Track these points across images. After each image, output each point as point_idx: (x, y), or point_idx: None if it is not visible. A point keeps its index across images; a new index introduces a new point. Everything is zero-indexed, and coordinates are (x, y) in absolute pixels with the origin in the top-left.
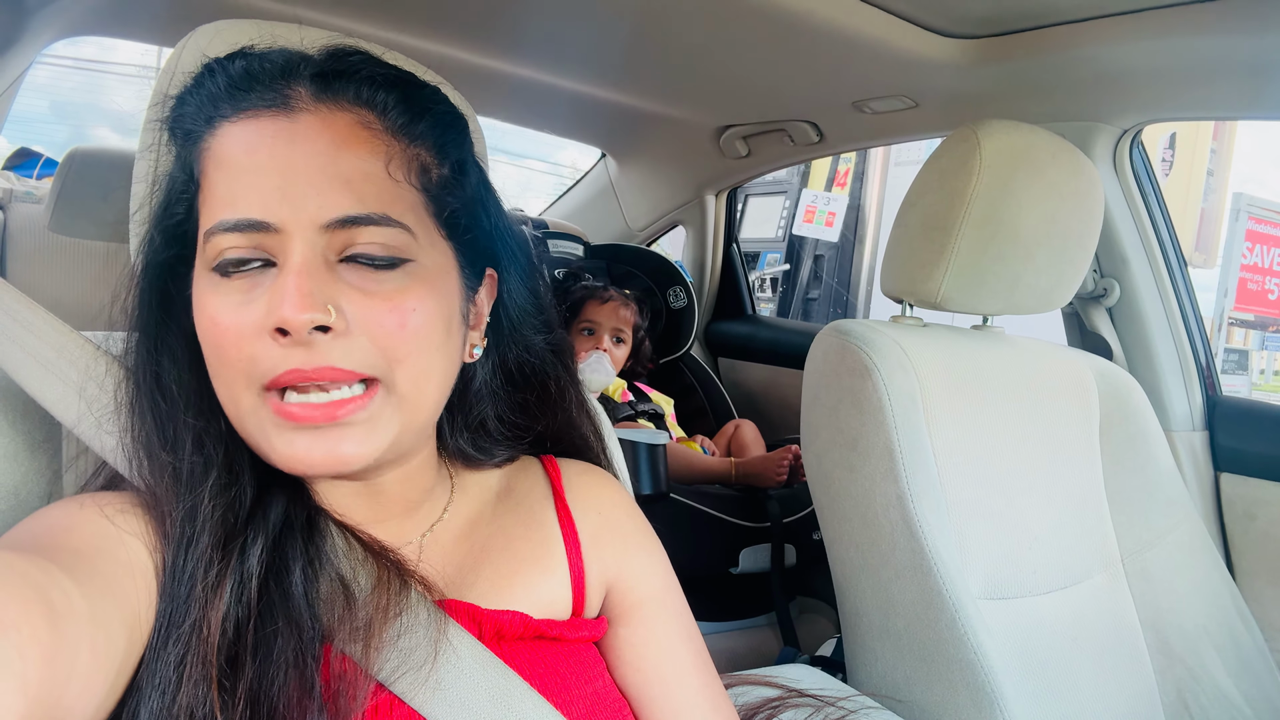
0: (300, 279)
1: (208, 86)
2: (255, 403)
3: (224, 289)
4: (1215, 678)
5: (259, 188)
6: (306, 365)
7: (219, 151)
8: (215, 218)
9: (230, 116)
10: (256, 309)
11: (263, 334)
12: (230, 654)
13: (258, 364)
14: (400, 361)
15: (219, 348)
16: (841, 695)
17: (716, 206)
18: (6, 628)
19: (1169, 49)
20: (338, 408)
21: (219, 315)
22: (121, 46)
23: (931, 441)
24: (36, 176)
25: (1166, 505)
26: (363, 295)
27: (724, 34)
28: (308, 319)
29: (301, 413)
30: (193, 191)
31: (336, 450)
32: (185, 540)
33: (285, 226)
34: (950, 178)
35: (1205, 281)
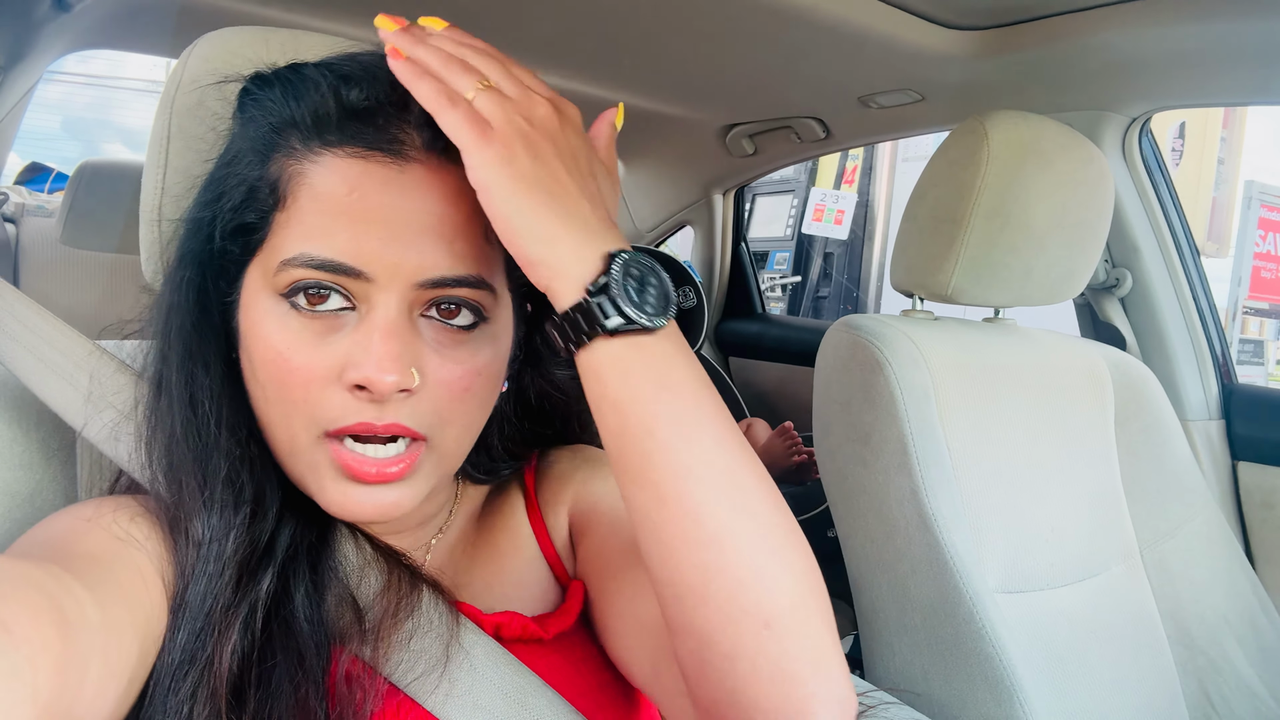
0: (388, 340)
1: (312, 100)
2: (312, 444)
3: (294, 323)
4: (1237, 668)
5: (358, 234)
6: (378, 421)
7: (317, 182)
8: (300, 249)
9: (335, 146)
10: (332, 354)
11: (334, 382)
12: (237, 685)
13: (325, 410)
14: (451, 423)
15: (284, 386)
16: (859, 691)
17: (724, 206)
18: (18, 638)
19: (1176, 35)
20: (390, 465)
21: (290, 353)
22: (131, 62)
23: (945, 435)
24: (48, 191)
25: (1184, 495)
26: (439, 358)
27: (728, 31)
28: (394, 383)
29: (360, 469)
30: (271, 205)
31: (382, 502)
32: (204, 573)
33: (378, 278)
34: (959, 170)
35: (1218, 271)
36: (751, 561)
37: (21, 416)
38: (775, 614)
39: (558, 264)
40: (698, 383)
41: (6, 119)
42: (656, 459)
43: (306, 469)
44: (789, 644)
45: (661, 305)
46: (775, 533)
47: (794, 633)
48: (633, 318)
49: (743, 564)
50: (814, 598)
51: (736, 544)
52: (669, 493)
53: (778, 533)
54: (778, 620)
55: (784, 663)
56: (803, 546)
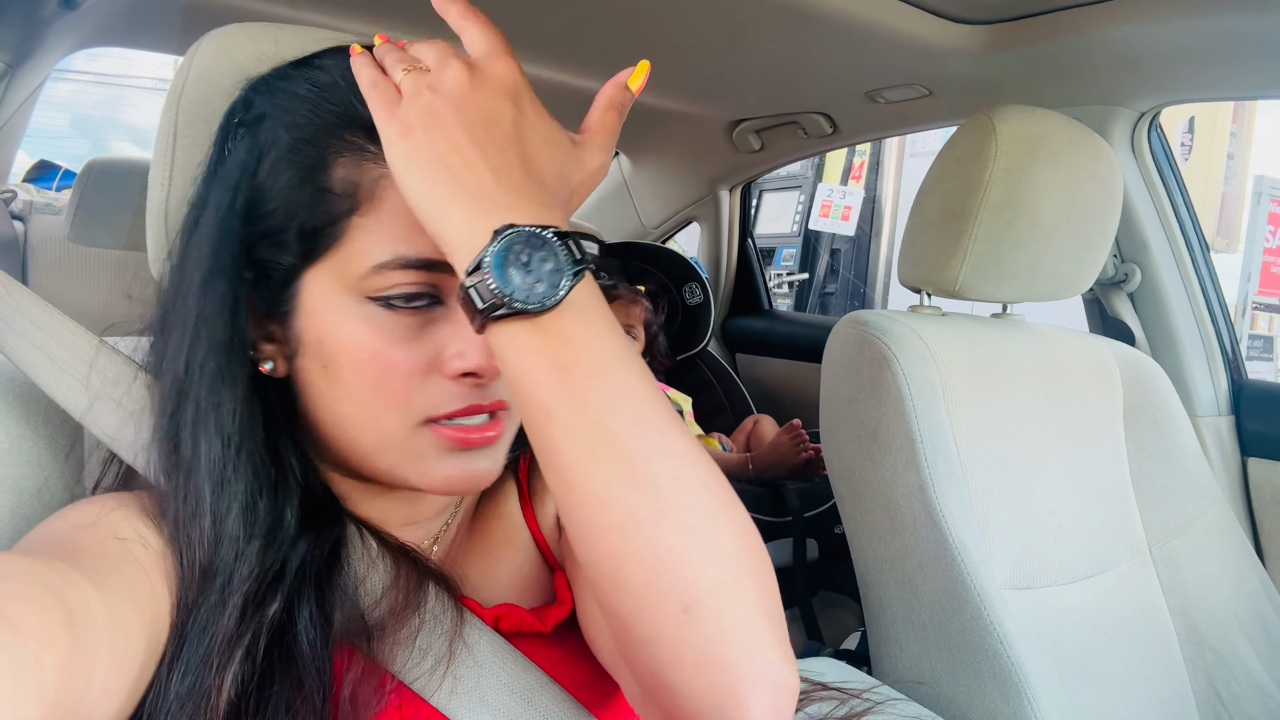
0: None
1: None
2: (409, 434)
3: (388, 322)
4: (1246, 664)
5: None
6: (484, 401)
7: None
8: (395, 251)
9: None
10: (427, 347)
11: (434, 372)
12: (235, 712)
13: (426, 398)
14: None
15: (384, 381)
16: (866, 687)
17: (731, 202)
18: (25, 635)
19: (1185, 29)
20: (489, 429)
21: (389, 349)
22: (140, 60)
23: (953, 431)
24: (56, 188)
25: (1193, 491)
26: None
27: (735, 27)
28: (498, 367)
29: (468, 437)
30: (347, 209)
31: (475, 469)
32: (209, 604)
33: None
34: (966, 165)
35: (1228, 266)
36: (665, 544)
37: (29, 412)
38: (694, 598)
39: (449, 239)
40: (605, 358)
41: (14, 117)
42: (559, 442)
43: (404, 458)
44: (710, 628)
45: (554, 280)
46: (695, 512)
47: (717, 615)
48: (508, 300)
49: (655, 548)
50: (744, 577)
51: (646, 527)
52: (574, 477)
53: (699, 512)
54: (697, 604)
55: (706, 647)
56: (734, 523)
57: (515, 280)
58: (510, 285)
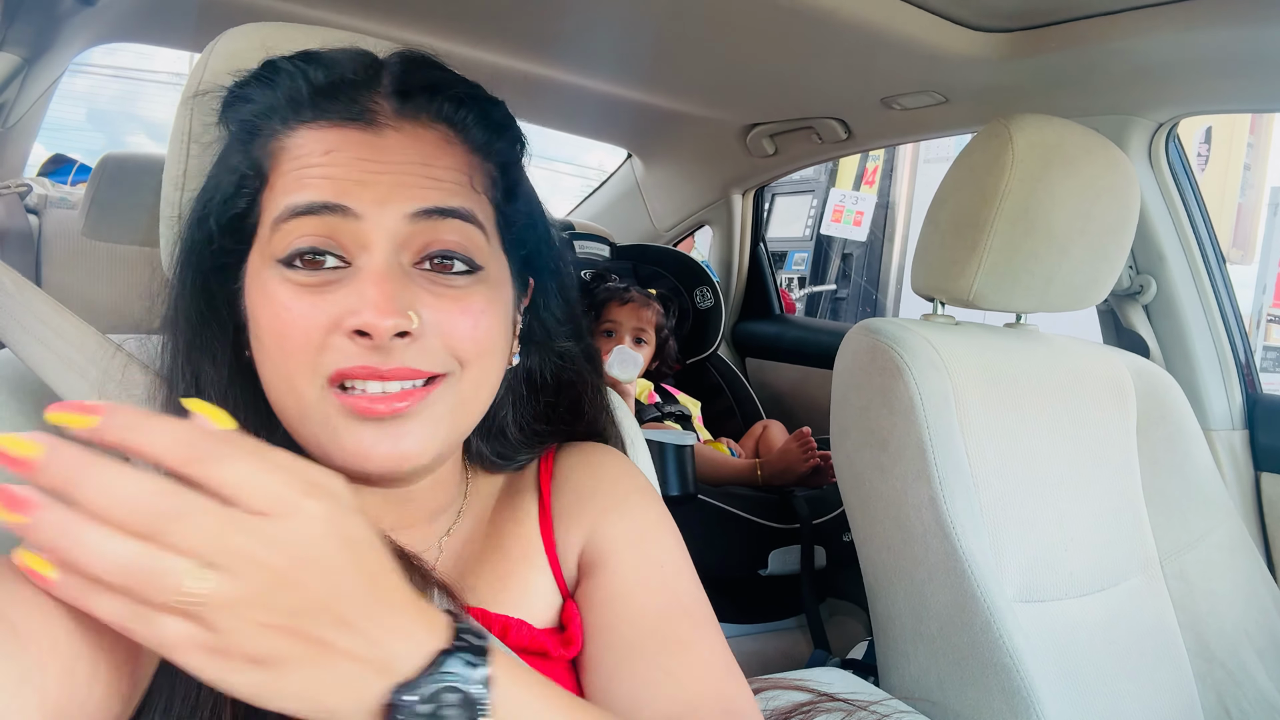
0: (383, 283)
1: (283, 85)
2: (320, 394)
3: (294, 280)
4: (1257, 681)
5: (338, 175)
6: (383, 366)
7: (295, 150)
8: (285, 203)
9: (310, 122)
10: (331, 306)
11: (335, 332)
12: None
13: (327, 356)
14: (469, 364)
15: (285, 337)
16: (874, 699)
17: (743, 206)
18: (26, 640)
19: (1204, 40)
20: (400, 399)
21: (290, 304)
22: (159, 55)
23: (964, 442)
24: (71, 182)
25: (1206, 505)
26: (436, 299)
27: (751, 31)
28: (392, 325)
29: (370, 405)
30: (257, 186)
31: (399, 446)
32: None
33: (366, 213)
34: (982, 174)
35: (1243, 278)
36: None
37: (37, 411)
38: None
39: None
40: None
41: (31, 111)
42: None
43: (319, 426)
44: None
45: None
46: None
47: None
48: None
49: None
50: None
51: None
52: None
53: None
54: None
55: None
56: None
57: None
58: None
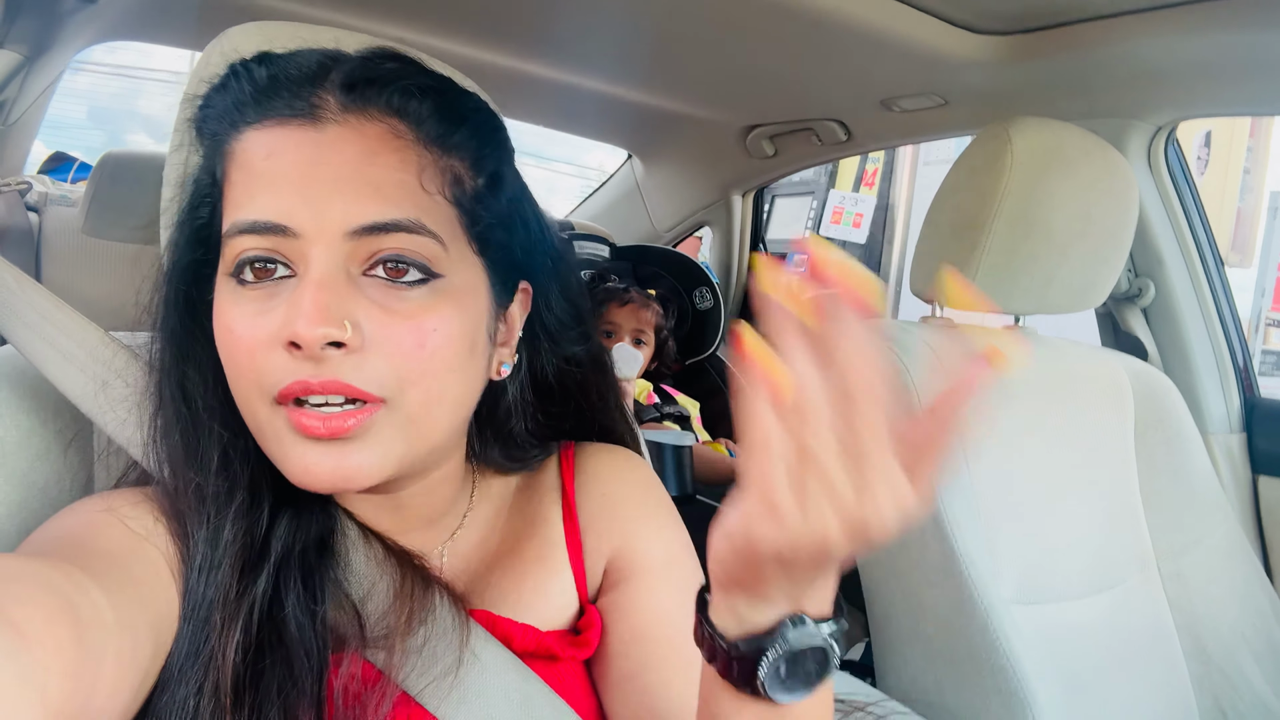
0: (318, 292)
1: (233, 89)
2: (270, 414)
3: (242, 298)
4: (1253, 685)
5: (278, 190)
6: (314, 379)
7: (240, 155)
8: (231, 219)
9: (254, 122)
10: (272, 320)
11: (276, 345)
12: (238, 684)
13: (268, 375)
14: (413, 383)
15: (233, 357)
16: (870, 700)
17: (743, 207)
18: (31, 640)
19: (1204, 44)
20: (341, 420)
21: (235, 324)
22: (159, 53)
23: (962, 443)
24: (71, 180)
25: (1203, 509)
26: (383, 312)
27: (751, 32)
28: (321, 334)
29: (308, 424)
30: (216, 195)
31: (343, 465)
32: (205, 565)
33: (305, 232)
34: (981, 176)
35: (1242, 281)
36: None
37: (40, 407)
38: None
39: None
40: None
41: (31, 109)
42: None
43: (272, 442)
44: None
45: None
46: None
47: None
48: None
49: None
50: None
51: None
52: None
53: None
54: None
55: None
56: None
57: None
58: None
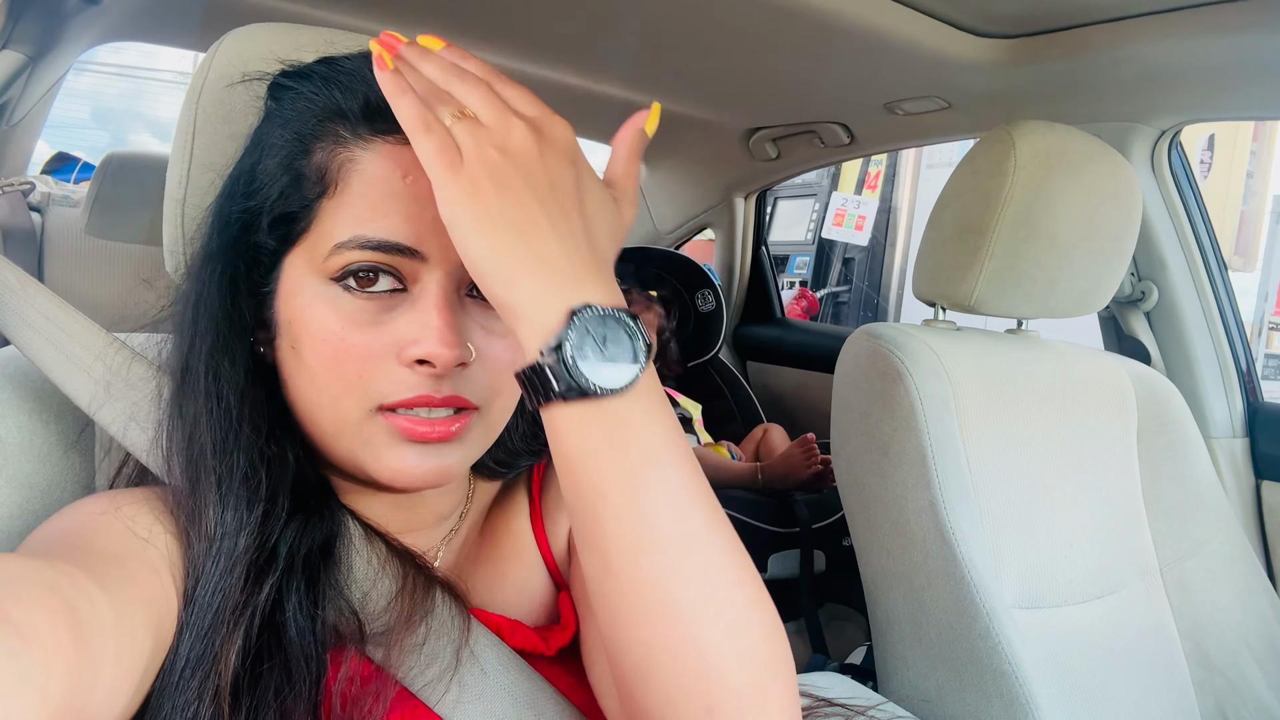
0: (446, 314)
1: (357, 91)
2: (364, 419)
3: (347, 305)
4: (1256, 690)
5: (414, 215)
6: (437, 394)
7: (369, 167)
8: (355, 231)
9: (386, 134)
10: (388, 333)
11: (391, 359)
12: (236, 687)
13: (381, 384)
14: (500, 394)
15: (338, 364)
16: (872, 704)
17: (745, 209)
18: (30, 640)
19: (1208, 48)
20: (450, 424)
21: (346, 332)
22: (163, 54)
23: (965, 447)
24: (74, 181)
25: (1206, 513)
26: (485, 333)
27: (754, 35)
28: (455, 356)
29: (418, 429)
30: (318, 193)
31: (441, 464)
32: (213, 570)
33: (432, 256)
34: (984, 179)
35: (1245, 286)
36: (698, 641)
37: (41, 408)
38: (720, 698)
39: (518, 308)
40: (663, 445)
41: (34, 109)
42: (607, 526)
43: (358, 445)
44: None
45: (626, 366)
46: (731, 609)
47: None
48: (584, 384)
49: (688, 644)
50: (770, 680)
51: (683, 622)
52: (616, 563)
53: (734, 609)
54: (722, 705)
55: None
56: (765, 623)
57: (591, 363)
58: (588, 369)
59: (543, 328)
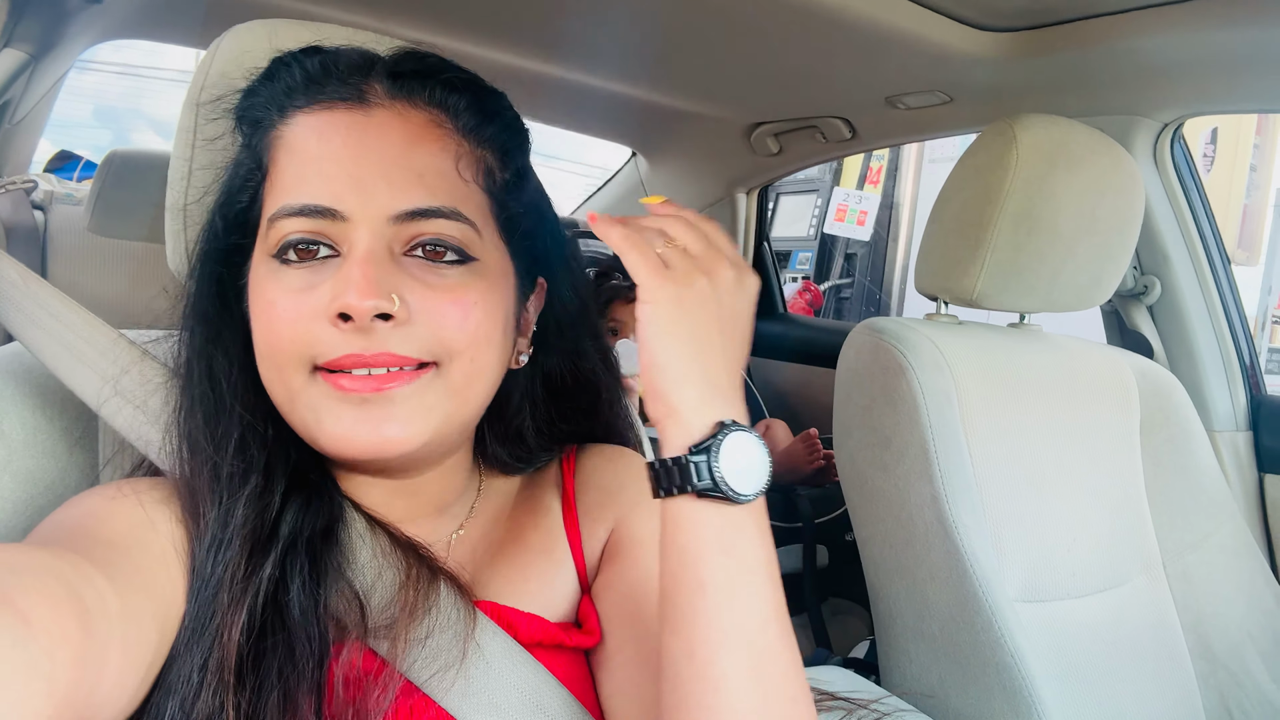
0: (366, 266)
1: (283, 78)
2: (306, 382)
3: (285, 275)
4: (1259, 683)
5: (329, 175)
6: (366, 350)
7: (290, 139)
8: (280, 202)
9: (304, 107)
10: (318, 295)
11: (322, 319)
12: (240, 665)
13: (313, 346)
14: (459, 353)
15: (274, 329)
16: (875, 698)
17: (747, 205)
18: (36, 629)
19: (1210, 40)
20: (385, 380)
21: (278, 299)
22: (166, 52)
23: (967, 441)
24: (77, 179)
25: (1209, 507)
26: (425, 287)
27: (755, 29)
28: (371, 305)
29: (350, 385)
30: (259, 179)
31: (381, 431)
32: (215, 544)
33: (353, 215)
34: (986, 173)
35: (1248, 279)
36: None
37: (46, 404)
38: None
39: (677, 407)
40: (761, 558)
41: (36, 108)
42: (700, 618)
43: (306, 410)
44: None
45: (753, 481)
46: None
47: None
48: (722, 487)
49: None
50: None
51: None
52: (700, 653)
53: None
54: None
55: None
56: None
57: (729, 471)
58: (728, 474)
59: (691, 431)
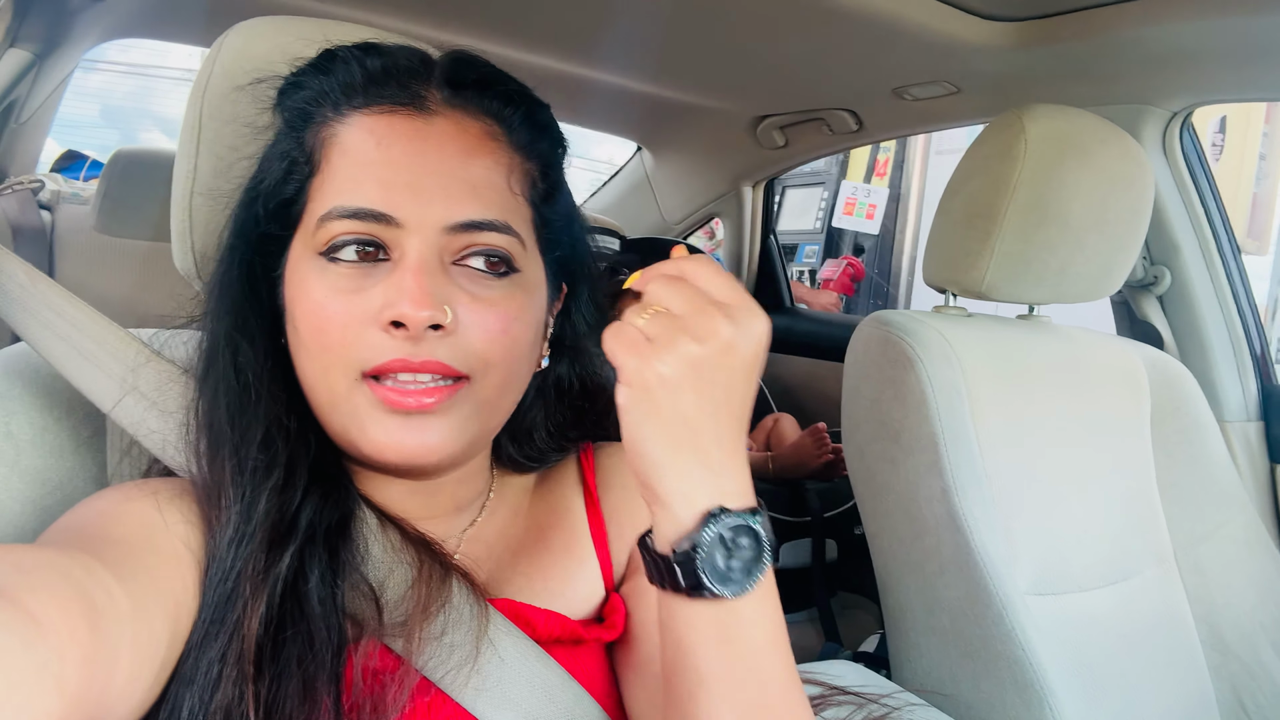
0: (420, 277)
1: (339, 74)
2: (351, 388)
3: (333, 275)
4: (1272, 674)
5: (386, 181)
6: (414, 358)
7: (346, 140)
8: (334, 203)
9: (362, 108)
10: (369, 300)
11: (371, 324)
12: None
13: (361, 351)
14: (494, 365)
15: (322, 332)
16: (885, 692)
17: (753, 198)
18: (46, 630)
19: (1220, 29)
20: (428, 395)
21: (327, 301)
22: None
23: (976, 434)
24: (83, 178)
25: (1220, 497)
26: (472, 299)
27: (761, 22)
28: (426, 316)
29: (396, 398)
30: (307, 174)
31: (424, 440)
32: (237, 537)
33: (408, 223)
34: (994, 164)
35: (1259, 269)
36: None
37: (53, 404)
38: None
39: (662, 497)
40: (764, 641)
41: (43, 107)
42: (701, 708)
43: (348, 416)
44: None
45: (744, 572)
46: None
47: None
48: (706, 589)
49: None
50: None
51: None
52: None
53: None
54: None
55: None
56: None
57: (719, 567)
58: (713, 577)
59: (679, 524)
